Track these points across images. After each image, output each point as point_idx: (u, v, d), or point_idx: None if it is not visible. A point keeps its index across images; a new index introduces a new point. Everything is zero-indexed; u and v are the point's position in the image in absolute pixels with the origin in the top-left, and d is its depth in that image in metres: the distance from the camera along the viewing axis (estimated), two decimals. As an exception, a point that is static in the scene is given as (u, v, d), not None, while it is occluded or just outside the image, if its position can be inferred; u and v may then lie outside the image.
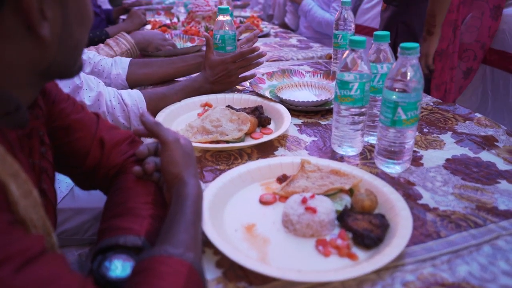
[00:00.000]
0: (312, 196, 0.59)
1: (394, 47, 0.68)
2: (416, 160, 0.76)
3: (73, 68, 0.47)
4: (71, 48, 0.44)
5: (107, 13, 2.64)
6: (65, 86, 0.86)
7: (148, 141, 0.67)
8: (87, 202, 1.01)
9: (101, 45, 1.30)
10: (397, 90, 0.67)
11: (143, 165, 0.57)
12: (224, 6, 1.46)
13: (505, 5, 1.63)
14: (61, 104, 0.57)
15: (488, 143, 0.81)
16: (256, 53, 1.08)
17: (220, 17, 1.09)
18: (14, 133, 0.43)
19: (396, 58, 0.68)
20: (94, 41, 1.65)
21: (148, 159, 0.57)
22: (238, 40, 1.29)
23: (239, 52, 1.06)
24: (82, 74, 0.90)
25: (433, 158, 0.77)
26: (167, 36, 1.73)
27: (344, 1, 1.18)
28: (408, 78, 0.66)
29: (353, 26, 1.22)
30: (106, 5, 3.09)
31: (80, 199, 1.02)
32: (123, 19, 2.41)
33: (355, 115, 0.76)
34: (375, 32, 0.77)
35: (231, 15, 1.52)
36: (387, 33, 0.76)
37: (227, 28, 1.10)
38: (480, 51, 1.64)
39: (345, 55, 0.75)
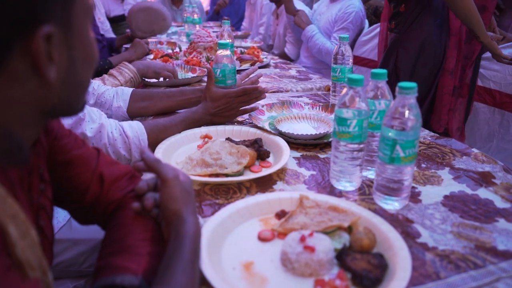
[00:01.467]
0: (311, 234, 0.59)
1: (395, 70, 0.72)
2: (414, 196, 0.77)
3: (77, 106, 0.48)
4: (76, 88, 0.45)
5: (110, 42, 2.70)
6: (67, 118, 0.87)
7: (147, 175, 0.67)
8: (85, 233, 1.00)
9: (105, 75, 1.34)
10: (395, 128, 0.68)
11: (142, 201, 0.57)
12: (225, 40, 1.51)
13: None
14: (63, 140, 0.57)
15: (485, 180, 0.82)
16: (258, 90, 1.11)
17: (220, 52, 1.11)
18: (15, 171, 0.43)
19: (395, 81, 0.70)
20: (97, 71, 1.69)
21: (148, 195, 0.58)
22: (238, 72, 1.31)
23: (242, 88, 1.08)
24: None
25: (431, 194, 0.77)
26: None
27: (342, 36, 1.22)
28: (406, 116, 0.67)
29: (351, 60, 1.25)
30: (110, 34, 3.16)
31: (78, 230, 1.01)
32: (126, 48, 2.47)
33: (354, 151, 0.77)
34: (372, 70, 0.78)
35: (231, 46, 1.57)
36: (384, 71, 0.78)
37: (227, 62, 1.12)
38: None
39: (343, 92, 0.76)
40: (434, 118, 1.65)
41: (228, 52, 1.12)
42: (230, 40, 1.55)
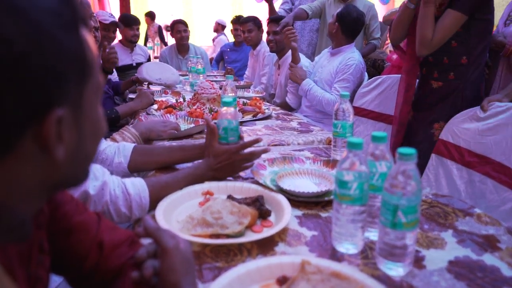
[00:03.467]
0: (313, 306, 0.58)
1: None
2: (418, 261, 0.75)
3: (82, 178, 0.49)
4: (82, 162, 0.46)
5: (116, 86, 2.77)
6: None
7: (148, 240, 0.67)
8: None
9: (108, 139, 1.35)
10: (396, 193, 0.68)
11: (141, 270, 0.56)
12: (228, 96, 1.55)
13: None
14: (64, 207, 0.58)
15: (490, 244, 0.81)
16: (260, 148, 1.14)
17: (224, 109, 1.14)
18: (15, 247, 0.43)
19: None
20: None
21: (147, 264, 0.57)
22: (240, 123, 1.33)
23: (243, 143, 1.10)
24: None
25: (435, 259, 0.76)
26: (172, 117, 1.80)
27: (343, 94, 1.25)
28: (407, 182, 0.68)
29: (351, 116, 1.28)
30: (115, 78, 3.25)
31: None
32: (131, 98, 2.54)
33: (355, 213, 0.76)
34: (372, 133, 0.80)
35: (234, 100, 1.60)
36: (384, 134, 0.79)
37: (230, 119, 1.14)
38: None
39: (344, 155, 0.77)
40: None
41: (231, 110, 1.14)
42: (233, 94, 1.59)
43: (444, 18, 1.64)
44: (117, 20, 3.20)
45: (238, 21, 4.35)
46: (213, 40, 7.30)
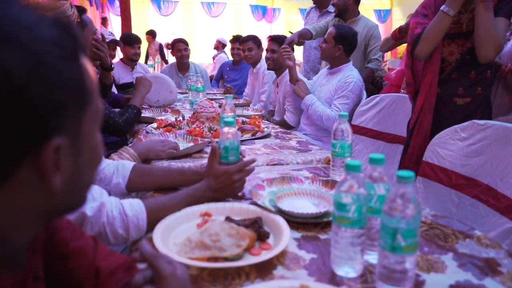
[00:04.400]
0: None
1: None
2: (418, 286, 0.74)
3: (79, 205, 0.48)
4: (80, 189, 0.46)
5: (115, 100, 2.76)
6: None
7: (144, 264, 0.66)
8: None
9: (107, 159, 1.35)
10: (395, 217, 0.68)
11: (137, 296, 0.55)
12: (230, 116, 1.55)
13: None
14: (61, 233, 0.57)
15: (490, 268, 0.80)
16: (251, 162, 1.17)
17: (225, 129, 1.14)
18: (8, 278, 0.43)
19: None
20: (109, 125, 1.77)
21: (143, 290, 0.56)
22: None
23: (242, 163, 1.11)
24: None
25: (436, 284, 0.75)
26: (171, 136, 1.80)
27: (342, 114, 1.26)
28: (405, 205, 0.68)
29: (350, 136, 1.28)
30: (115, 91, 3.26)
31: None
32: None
33: (354, 236, 0.76)
34: (370, 156, 0.80)
35: (233, 118, 1.61)
36: (382, 156, 0.79)
37: (231, 139, 1.14)
38: None
39: (342, 177, 0.77)
40: None
41: (233, 130, 1.15)
42: (232, 113, 1.60)
43: (498, 26, 1.62)
44: (116, 38, 3.24)
45: (236, 40, 4.40)
46: (214, 57, 7.38)
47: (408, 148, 1.93)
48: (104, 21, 8.32)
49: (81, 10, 1.95)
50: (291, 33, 3.97)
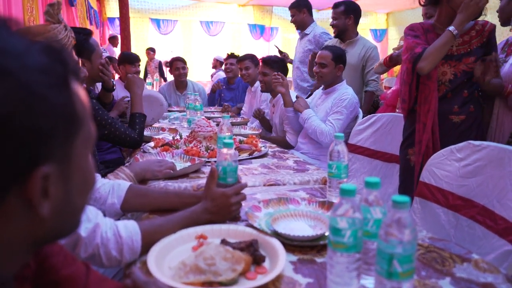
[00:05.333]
0: None
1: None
2: (415, 312, 0.73)
3: (71, 230, 0.48)
4: (71, 215, 0.46)
5: None
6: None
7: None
8: None
9: (103, 179, 1.34)
10: (391, 242, 0.67)
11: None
12: (229, 137, 1.56)
13: None
14: (52, 259, 0.57)
15: (488, 293, 0.79)
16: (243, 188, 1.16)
17: (224, 150, 1.14)
18: None
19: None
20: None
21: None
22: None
23: (239, 185, 1.11)
24: None
25: (433, 310, 0.74)
26: (168, 155, 1.80)
27: (337, 135, 1.26)
28: (402, 231, 0.67)
29: (346, 157, 1.28)
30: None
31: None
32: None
33: (350, 261, 0.75)
34: (366, 179, 0.80)
35: (230, 137, 1.61)
36: (377, 180, 0.79)
37: (229, 160, 1.14)
38: None
39: (337, 201, 0.77)
40: None
41: (231, 151, 1.15)
42: (229, 133, 1.60)
43: None
44: (110, 55, 3.28)
45: (231, 57, 4.44)
46: (212, 75, 7.45)
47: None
48: (113, 40, 8.32)
49: (88, 34, 1.97)
50: (277, 47, 4.12)
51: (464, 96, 1.88)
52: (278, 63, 2.98)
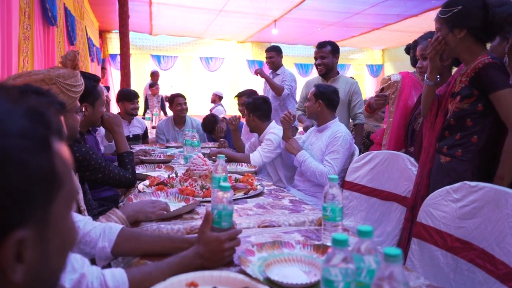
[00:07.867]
0: None
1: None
2: None
3: None
4: (47, 279, 0.44)
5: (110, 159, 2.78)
6: None
7: None
8: None
9: (94, 222, 1.32)
10: (383, 297, 0.65)
11: None
12: (223, 179, 1.55)
13: None
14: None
15: None
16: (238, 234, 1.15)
17: (220, 194, 1.13)
18: None
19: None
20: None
21: None
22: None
23: (234, 231, 1.09)
24: None
25: None
26: (162, 195, 1.78)
27: (331, 177, 1.25)
28: (393, 284, 0.65)
29: (341, 199, 1.27)
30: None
31: None
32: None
33: (343, 315, 0.72)
34: (358, 227, 0.79)
35: (225, 178, 1.60)
36: (370, 229, 0.78)
37: (225, 204, 1.13)
38: None
39: (329, 251, 0.75)
40: None
41: (228, 195, 1.13)
42: (224, 173, 1.60)
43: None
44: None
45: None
46: (211, 110, 7.52)
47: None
48: (103, 71, 8.56)
49: (97, 80, 2.01)
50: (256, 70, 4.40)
51: (455, 139, 1.80)
52: (249, 104, 3.03)
